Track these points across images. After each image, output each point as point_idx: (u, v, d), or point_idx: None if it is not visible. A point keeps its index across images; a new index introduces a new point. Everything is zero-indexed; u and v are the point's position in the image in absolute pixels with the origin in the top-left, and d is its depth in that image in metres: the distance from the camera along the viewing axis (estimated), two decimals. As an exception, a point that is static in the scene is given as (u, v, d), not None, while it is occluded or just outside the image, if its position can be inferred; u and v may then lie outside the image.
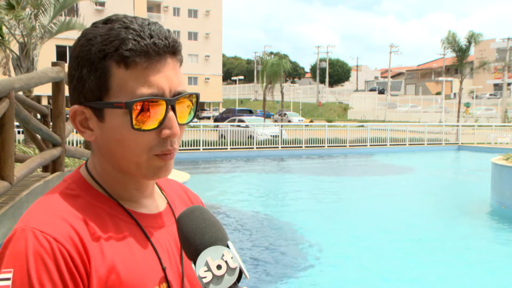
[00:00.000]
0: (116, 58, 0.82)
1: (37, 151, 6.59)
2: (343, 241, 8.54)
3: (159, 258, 0.90)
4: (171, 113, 0.85)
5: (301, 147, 23.83)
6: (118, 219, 0.88)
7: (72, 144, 15.31)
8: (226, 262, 0.81)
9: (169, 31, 0.87)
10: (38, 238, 0.78)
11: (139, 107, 0.83)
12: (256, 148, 22.92)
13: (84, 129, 0.88)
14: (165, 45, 0.84)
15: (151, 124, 0.84)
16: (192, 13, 55.46)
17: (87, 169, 0.93)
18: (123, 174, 0.90)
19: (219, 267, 0.80)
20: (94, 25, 0.87)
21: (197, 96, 0.90)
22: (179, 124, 0.86)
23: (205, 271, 0.80)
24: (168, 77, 0.85)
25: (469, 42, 29.57)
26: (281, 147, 23.47)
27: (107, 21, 0.86)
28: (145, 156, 0.86)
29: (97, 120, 0.86)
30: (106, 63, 0.83)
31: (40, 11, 11.11)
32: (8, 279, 0.76)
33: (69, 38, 31.68)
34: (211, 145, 21.93)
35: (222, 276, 0.80)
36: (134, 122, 0.83)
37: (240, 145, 22.82)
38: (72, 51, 0.87)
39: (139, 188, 0.93)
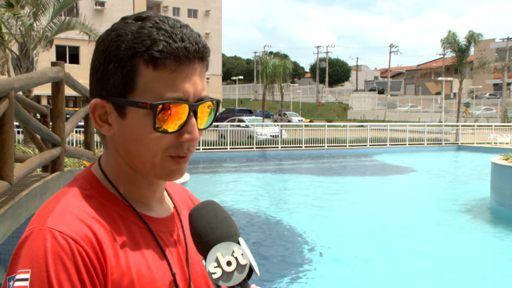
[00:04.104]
0: (146, 58, 0.82)
1: (36, 151, 6.59)
2: (342, 240, 8.55)
3: (169, 264, 0.90)
4: (193, 118, 0.85)
5: (301, 147, 23.83)
6: (130, 222, 0.87)
7: (72, 144, 15.30)
8: (236, 258, 0.81)
9: (199, 35, 0.86)
10: (57, 239, 0.77)
11: (162, 108, 0.83)
12: (256, 148, 22.93)
13: (103, 123, 0.87)
14: (195, 50, 0.84)
15: (172, 126, 0.84)
16: (192, 13, 55.39)
17: (100, 167, 0.92)
18: (136, 172, 0.89)
19: (229, 263, 0.80)
20: (125, 20, 0.86)
21: (218, 102, 0.91)
22: (198, 129, 0.86)
23: (215, 267, 0.80)
24: (194, 82, 0.85)
25: (469, 42, 29.54)
26: (281, 147, 23.47)
27: (138, 18, 0.85)
28: (159, 156, 0.86)
29: (117, 116, 0.86)
30: (135, 62, 0.82)
31: (40, 11, 11.11)
32: (25, 279, 0.75)
33: (69, 38, 31.79)
34: (211, 145, 21.93)
35: (232, 272, 0.80)
36: (156, 123, 0.83)
37: (240, 145, 22.82)
38: (99, 43, 0.86)
39: (151, 189, 0.92)
